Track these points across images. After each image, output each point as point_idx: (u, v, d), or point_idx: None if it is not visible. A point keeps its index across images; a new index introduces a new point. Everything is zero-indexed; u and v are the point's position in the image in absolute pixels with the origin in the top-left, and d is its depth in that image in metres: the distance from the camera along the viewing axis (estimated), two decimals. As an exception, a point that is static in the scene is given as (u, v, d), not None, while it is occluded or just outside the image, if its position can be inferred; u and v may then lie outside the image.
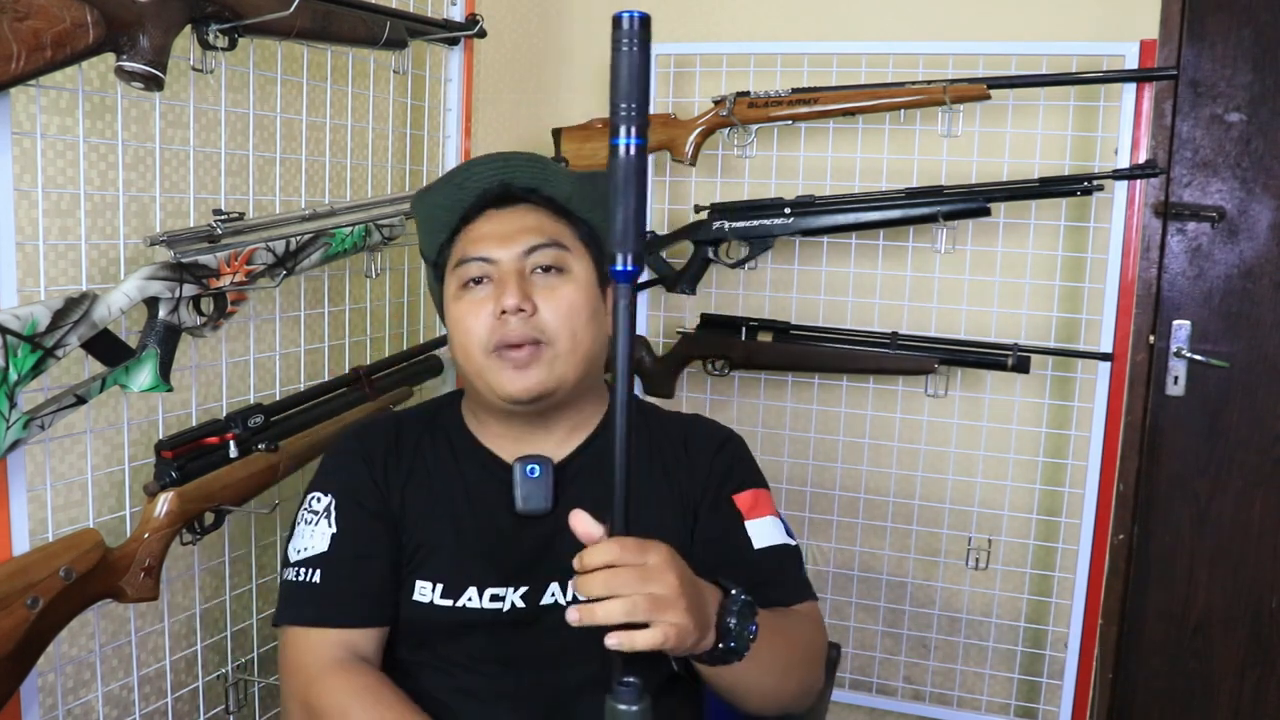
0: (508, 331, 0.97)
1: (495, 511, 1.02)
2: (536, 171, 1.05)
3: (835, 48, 1.90)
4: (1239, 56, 1.87)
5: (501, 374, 0.98)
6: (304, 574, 0.99)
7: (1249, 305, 1.92)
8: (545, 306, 0.98)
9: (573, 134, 1.93)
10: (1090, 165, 1.85)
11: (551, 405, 1.01)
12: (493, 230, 1.02)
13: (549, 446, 1.04)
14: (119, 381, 1.12)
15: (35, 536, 1.07)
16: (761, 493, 1.08)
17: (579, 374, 1.01)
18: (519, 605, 0.99)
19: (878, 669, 2.08)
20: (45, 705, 1.18)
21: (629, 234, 0.67)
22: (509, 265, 0.99)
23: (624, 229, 0.66)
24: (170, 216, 1.30)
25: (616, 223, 0.67)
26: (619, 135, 0.66)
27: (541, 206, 1.04)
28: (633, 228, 0.67)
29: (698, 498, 1.06)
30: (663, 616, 0.73)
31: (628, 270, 0.67)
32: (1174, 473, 1.99)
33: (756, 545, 1.03)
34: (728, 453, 1.09)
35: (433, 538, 1.01)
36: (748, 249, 1.87)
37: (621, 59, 0.65)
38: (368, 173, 1.61)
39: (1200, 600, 2.00)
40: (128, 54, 1.02)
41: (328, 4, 1.29)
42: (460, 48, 1.69)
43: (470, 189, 1.05)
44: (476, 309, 0.99)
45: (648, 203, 0.66)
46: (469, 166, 1.06)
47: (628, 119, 0.65)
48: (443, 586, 0.99)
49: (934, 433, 1.98)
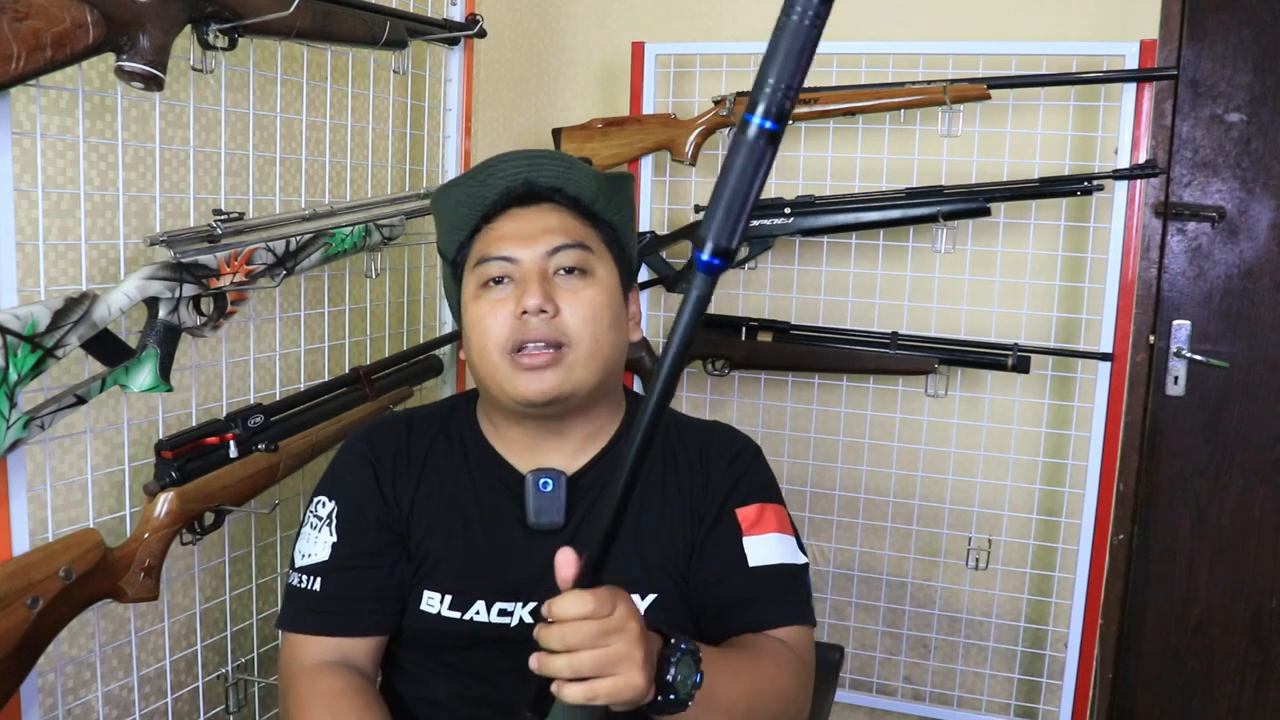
0: (529, 332, 0.94)
1: (507, 523, 1.00)
2: (562, 170, 1.02)
3: (835, 48, 1.90)
4: (1239, 56, 1.87)
5: (518, 376, 0.95)
6: (306, 581, 0.99)
7: (1249, 305, 1.92)
8: (568, 309, 0.95)
9: (573, 134, 1.93)
10: (1090, 165, 1.85)
11: (567, 410, 0.99)
12: (516, 229, 0.99)
13: (563, 455, 1.02)
14: (119, 381, 1.12)
15: (35, 536, 1.07)
16: (769, 508, 1.04)
17: (597, 379, 0.98)
18: (527, 621, 0.97)
19: (878, 669, 2.08)
20: (45, 705, 1.18)
21: (722, 223, 0.56)
22: (531, 265, 0.97)
23: (722, 216, 0.56)
24: (170, 216, 1.30)
25: (715, 208, 0.56)
26: (753, 111, 0.55)
27: (565, 207, 1.02)
28: (728, 217, 0.56)
29: (703, 510, 1.03)
30: (616, 672, 0.72)
31: (709, 262, 0.57)
32: (1174, 473, 1.99)
33: (752, 563, 1.00)
34: (739, 465, 1.05)
35: (442, 546, 1.00)
36: (748, 249, 1.87)
37: (787, 29, 0.54)
38: (368, 173, 1.61)
39: (1200, 600, 2.00)
40: (128, 54, 1.02)
41: (328, 4, 1.29)
42: (460, 48, 1.69)
43: (494, 186, 1.02)
44: (496, 309, 0.96)
45: (750, 186, 0.57)
46: (493, 163, 1.02)
47: (770, 97, 0.54)
48: (451, 599, 0.98)
49: (934, 433, 1.98)
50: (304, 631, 0.98)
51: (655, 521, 1.02)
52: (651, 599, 0.98)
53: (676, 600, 1.00)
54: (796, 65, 0.54)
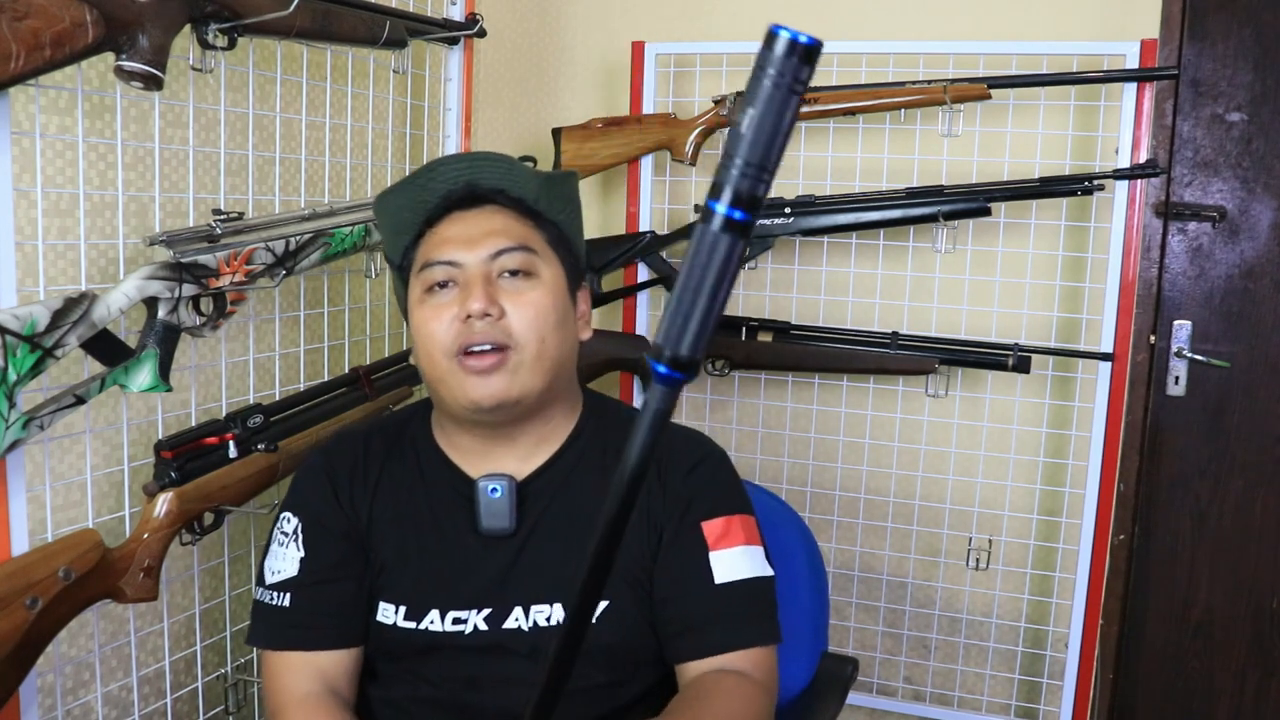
0: (472, 335, 0.93)
1: (460, 531, 1.00)
2: (503, 172, 1.01)
3: (835, 47, 1.90)
4: (1240, 56, 1.87)
5: (465, 380, 0.94)
6: (275, 598, 0.99)
7: (1250, 305, 1.92)
8: (512, 311, 0.95)
9: (572, 134, 1.93)
10: (1091, 165, 1.84)
11: (517, 415, 0.98)
12: (458, 233, 0.98)
13: (513, 460, 1.01)
14: (118, 381, 1.12)
15: (35, 537, 1.07)
16: (736, 519, 1.01)
17: (545, 382, 0.97)
18: (481, 628, 0.97)
19: (878, 669, 2.08)
20: (44, 706, 1.18)
21: (679, 329, 0.44)
22: (475, 269, 0.96)
23: (680, 321, 0.44)
24: (170, 216, 1.30)
25: (671, 309, 0.45)
26: (716, 197, 0.44)
27: (509, 208, 1.01)
28: (686, 322, 0.44)
29: (662, 520, 1.00)
30: None
31: (667, 375, 0.44)
32: (1174, 473, 1.98)
33: (718, 579, 0.97)
34: (700, 475, 1.02)
35: (396, 556, 1.00)
36: (748, 249, 1.87)
37: (760, 95, 0.43)
38: (368, 173, 1.61)
39: (1200, 600, 2.00)
40: (127, 53, 1.02)
41: (328, 3, 1.29)
42: (460, 47, 1.69)
43: (434, 190, 1.01)
44: (440, 313, 0.95)
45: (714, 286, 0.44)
46: (432, 167, 1.02)
47: (738, 181, 0.43)
48: (405, 609, 0.98)
49: (934, 433, 1.98)
50: (279, 647, 0.98)
51: None
52: (603, 606, 0.97)
53: (631, 610, 0.99)
54: (772, 140, 0.43)
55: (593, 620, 0.84)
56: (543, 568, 0.98)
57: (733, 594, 0.98)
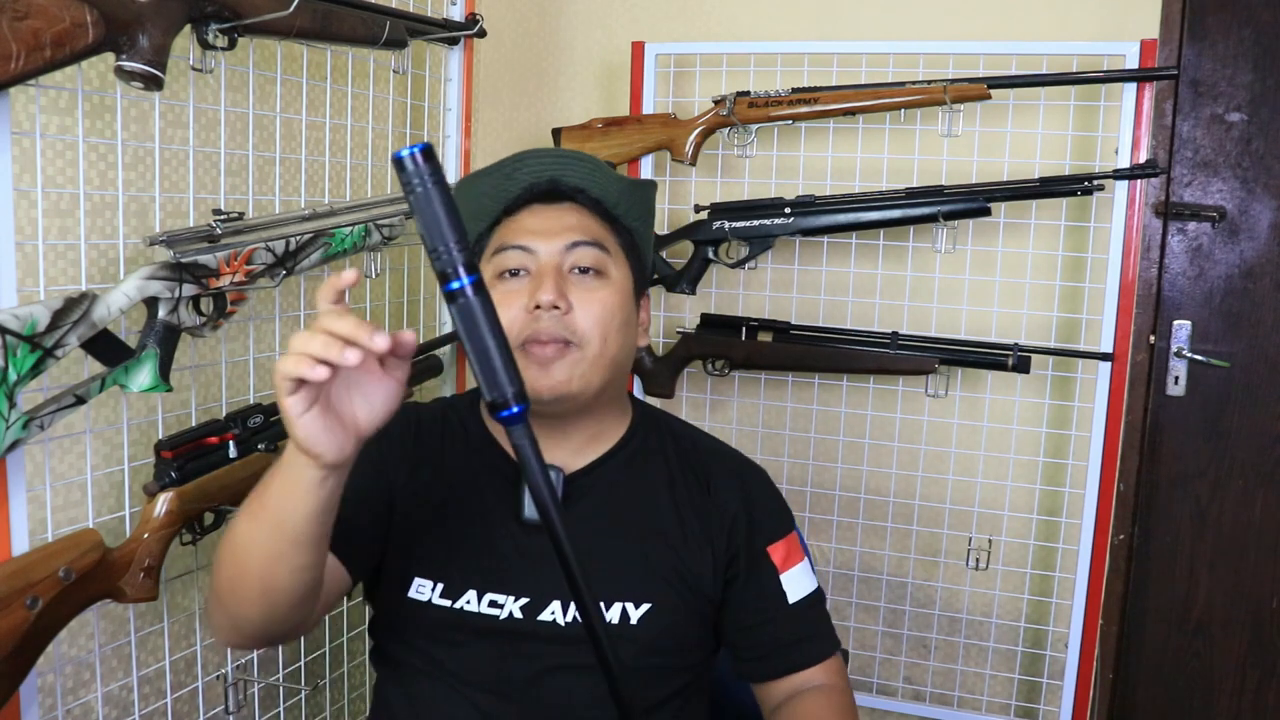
0: (539, 328, 0.94)
1: (504, 516, 1.00)
2: (587, 171, 1.03)
3: (835, 47, 1.90)
4: (1239, 56, 1.87)
5: (526, 371, 0.93)
6: None
7: (1249, 305, 1.92)
8: (580, 307, 0.96)
9: (572, 134, 1.93)
10: (1091, 165, 1.84)
11: (572, 410, 0.99)
12: (536, 224, 0.99)
13: (565, 454, 1.02)
14: (118, 381, 1.12)
15: (35, 536, 1.07)
16: (792, 537, 1.06)
17: (604, 380, 0.98)
18: (517, 615, 0.97)
19: (878, 669, 2.08)
20: (45, 705, 1.18)
21: (489, 379, 0.63)
22: (548, 260, 0.97)
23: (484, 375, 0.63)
24: (170, 216, 1.30)
25: (478, 369, 0.63)
26: (449, 280, 0.62)
27: (587, 207, 1.02)
28: (489, 370, 0.63)
29: (725, 545, 1.03)
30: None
31: (506, 415, 0.64)
32: (1174, 473, 1.99)
33: (791, 600, 1.03)
34: (753, 495, 1.06)
35: (437, 533, 1.00)
36: (748, 249, 1.87)
37: (419, 201, 0.61)
38: (368, 173, 1.61)
39: (1200, 600, 2.00)
40: (127, 54, 1.02)
41: (328, 4, 1.29)
42: (460, 47, 1.69)
43: (518, 180, 1.02)
44: (509, 300, 0.95)
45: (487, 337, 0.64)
46: (520, 157, 1.03)
47: (451, 260, 0.61)
48: (443, 586, 0.98)
49: (934, 433, 1.98)
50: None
51: (671, 528, 1.02)
52: (646, 609, 0.98)
53: (682, 616, 1.00)
54: (447, 220, 0.61)
55: (633, 623, 0.93)
56: (584, 565, 0.98)
57: (805, 612, 1.04)
